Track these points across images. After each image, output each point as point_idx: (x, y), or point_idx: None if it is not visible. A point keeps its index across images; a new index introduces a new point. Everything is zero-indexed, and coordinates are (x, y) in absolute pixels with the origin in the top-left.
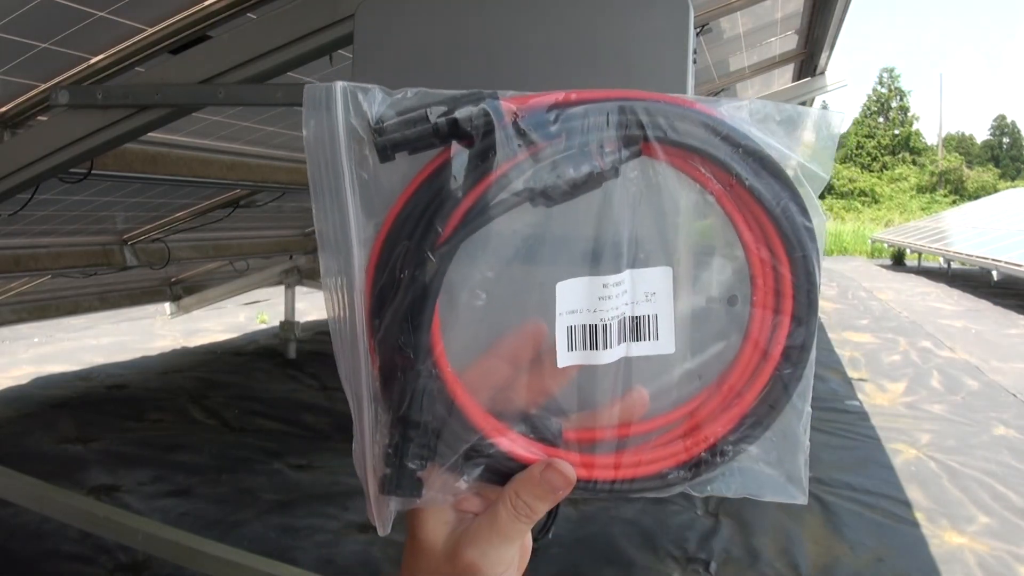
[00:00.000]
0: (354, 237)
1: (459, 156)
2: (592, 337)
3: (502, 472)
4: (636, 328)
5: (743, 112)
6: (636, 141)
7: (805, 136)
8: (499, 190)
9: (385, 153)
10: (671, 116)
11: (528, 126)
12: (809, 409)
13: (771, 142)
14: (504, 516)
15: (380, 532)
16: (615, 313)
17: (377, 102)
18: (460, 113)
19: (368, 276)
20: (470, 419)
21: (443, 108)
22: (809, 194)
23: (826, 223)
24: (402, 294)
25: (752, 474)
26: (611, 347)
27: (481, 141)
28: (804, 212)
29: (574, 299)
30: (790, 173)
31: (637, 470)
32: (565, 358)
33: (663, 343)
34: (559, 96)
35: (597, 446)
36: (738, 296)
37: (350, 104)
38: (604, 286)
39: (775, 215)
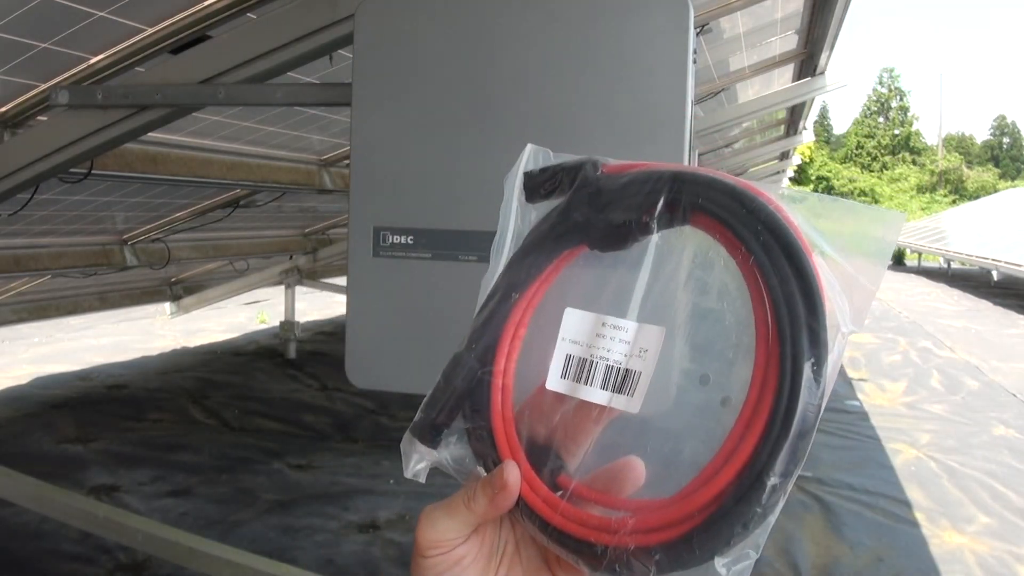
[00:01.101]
0: (506, 248)
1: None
2: (582, 371)
3: (487, 467)
4: (623, 381)
5: (802, 203)
6: (678, 207)
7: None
8: (567, 229)
9: (529, 195)
10: (710, 187)
11: (602, 185)
12: (748, 559)
13: (812, 232)
14: (458, 494)
15: (405, 472)
16: (606, 356)
17: (544, 158)
18: (565, 169)
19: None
20: (492, 411)
21: (562, 165)
22: (842, 301)
23: (849, 338)
24: (488, 293)
25: None
26: (593, 386)
27: (572, 193)
28: (813, 310)
29: (577, 330)
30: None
31: (573, 527)
32: (555, 383)
33: (634, 402)
34: (641, 164)
35: (573, 497)
36: (731, 398)
37: (532, 158)
38: (603, 325)
39: (775, 298)
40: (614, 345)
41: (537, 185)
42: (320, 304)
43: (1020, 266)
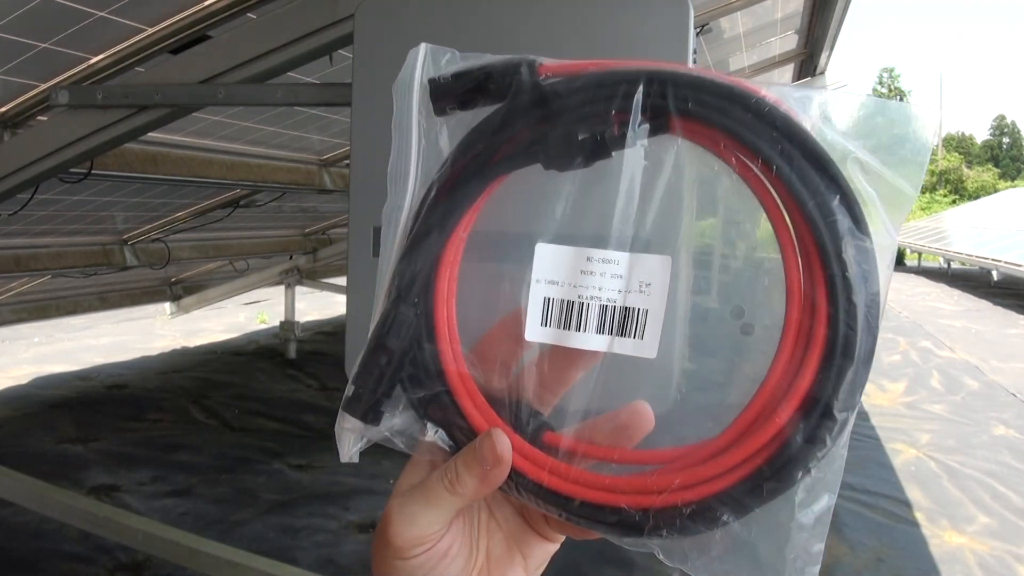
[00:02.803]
0: (412, 172)
1: (494, 115)
2: (568, 315)
3: (456, 438)
4: (624, 321)
5: (811, 102)
6: (658, 114)
7: (886, 136)
8: (513, 148)
9: (438, 105)
10: (698, 88)
11: (553, 90)
12: (829, 501)
13: (835, 136)
14: (434, 476)
15: (341, 457)
16: (598, 295)
17: (446, 61)
18: (495, 73)
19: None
20: (443, 367)
21: (487, 68)
22: (879, 211)
23: (895, 247)
24: (415, 230)
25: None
26: (587, 332)
27: (509, 101)
28: (858, 222)
29: (554, 268)
30: (865, 186)
31: (597, 494)
32: (535, 332)
33: (647, 345)
34: (591, 63)
35: (568, 455)
36: (753, 324)
37: (428, 63)
38: (589, 260)
39: (810, 216)
40: (605, 281)
41: (449, 93)
42: (320, 304)
43: (1020, 266)
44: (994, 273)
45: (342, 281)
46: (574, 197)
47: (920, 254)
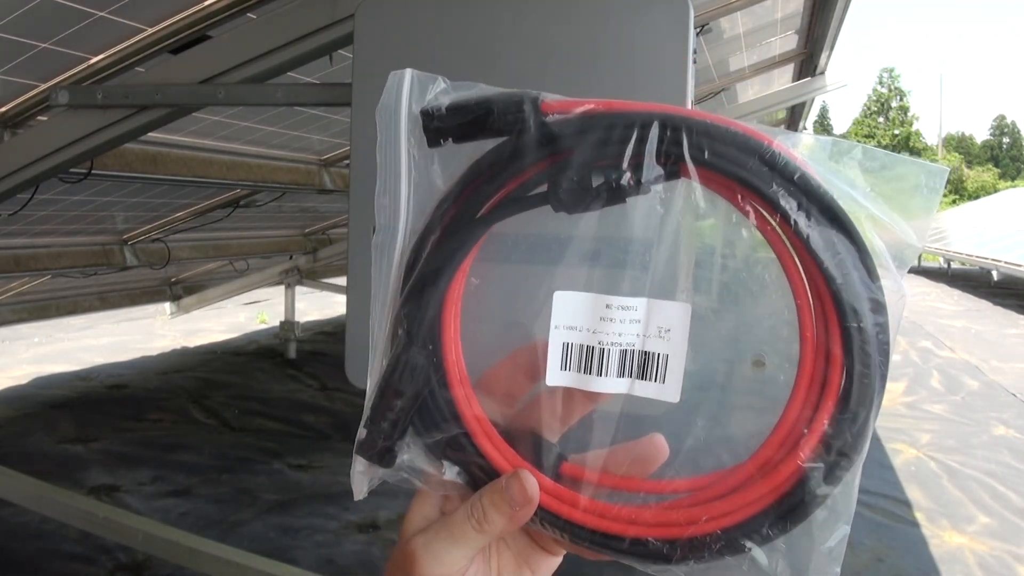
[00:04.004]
0: (403, 204)
1: (494, 152)
2: (588, 359)
3: (475, 476)
4: (644, 365)
5: (822, 150)
6: (672, 160)
7: (894, 188)
8: (522, 190)
9: (432, 137)
10: (713, 136)
11: (561, 130)
12: (845, 530)
13: (843, 187)
14: (459, 515)
15: (355, 496)
16: (618, 340)
17: (437, 91)
18: (497, 109)
19: (405, 253)
20: (459, 411)
21: (487, 103)
22: (889, 263)
23: (905, 300)
24: (419, 270)
25: None
26: (609, 376)
27: (515, 139)
28: (871, 275)
29: (573, 315)
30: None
31: (620, 527)
32: (556, 376)
33: (669, 389)
34: (594, 102)
35: (587, 487)
36: (764, 360)
37: (415, 90)
38: (608, 307)
39: (827, 272)
40: (625, 327)
41: (444, 126)
42: (320, 304)
43: (1020, 266)
44: (994, 273)
45: (342, 281)
46: (588, 240)
47: (920, 254)
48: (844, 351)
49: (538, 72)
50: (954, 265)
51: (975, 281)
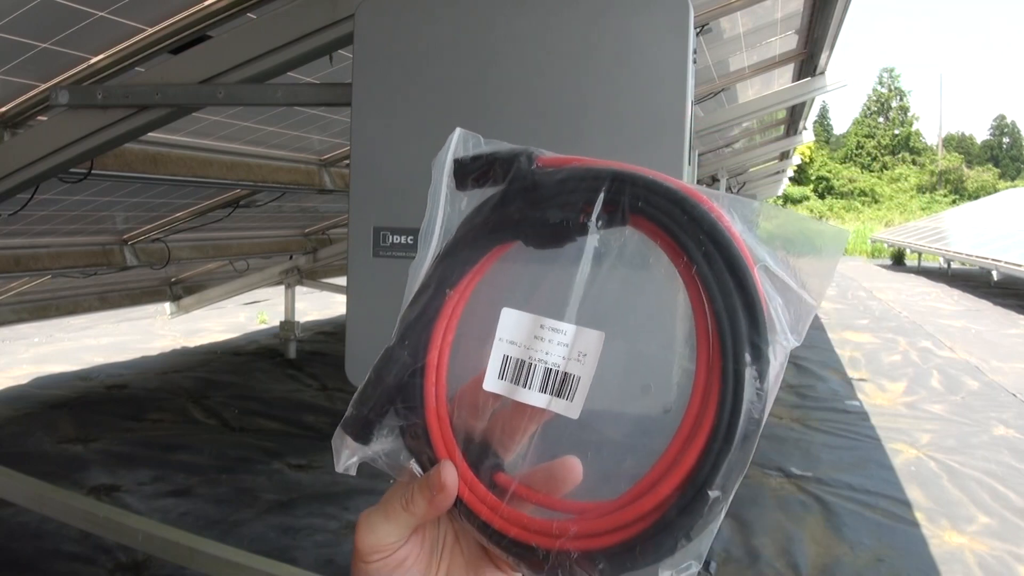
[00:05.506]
0: (435, 236)
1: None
2: (519, 372)
3: (424, 465)
4: (562, 385)
5: (747, 211)
6: (616, 208)
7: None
8: (501, 224)
9: (459, 182)
10: (652, 190)
11: (541, 179)
12: (693, 568)
13: (761, 249)
14: (394, 494)
15: (336, 468)
16: (545, 359)
17: (471, 144)
18: (498, 161)
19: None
20: (425, 407)
21: (493, 156)
22: (779, 316)
23: (789, 348)
24: (420, 284)
25: None
26: (532, 389)
27: (507, 185)
28: (756, 323)
29: (514, 330)
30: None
31: (517, 531)
32: (492, 383)
33: (574, 407)
34: (580, 159)
35: (510, 495)
36: (652, 388)
37: (460, 144)
38: (542, 327)
39: (718, 313)
40: (553, 348)
41: (468, 173)
42: (320, 304)
43: (1020, 266)
44: (994, 273)
45: (342, 281)
46: (545, 272)
47: (920, 254)
48: (719, 391)
49: (538, 72)
50: (954, 265)
51: (975, 281)
